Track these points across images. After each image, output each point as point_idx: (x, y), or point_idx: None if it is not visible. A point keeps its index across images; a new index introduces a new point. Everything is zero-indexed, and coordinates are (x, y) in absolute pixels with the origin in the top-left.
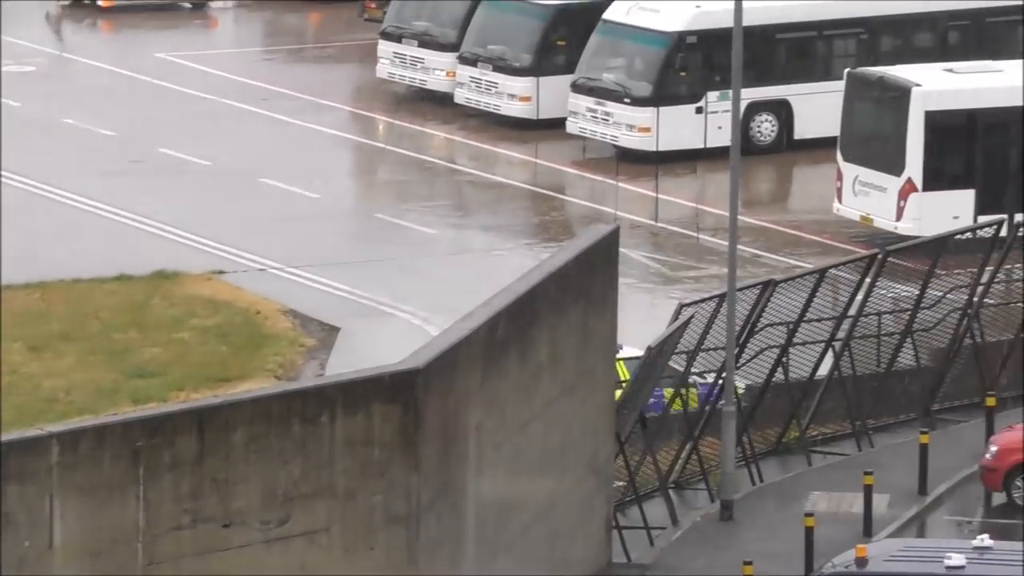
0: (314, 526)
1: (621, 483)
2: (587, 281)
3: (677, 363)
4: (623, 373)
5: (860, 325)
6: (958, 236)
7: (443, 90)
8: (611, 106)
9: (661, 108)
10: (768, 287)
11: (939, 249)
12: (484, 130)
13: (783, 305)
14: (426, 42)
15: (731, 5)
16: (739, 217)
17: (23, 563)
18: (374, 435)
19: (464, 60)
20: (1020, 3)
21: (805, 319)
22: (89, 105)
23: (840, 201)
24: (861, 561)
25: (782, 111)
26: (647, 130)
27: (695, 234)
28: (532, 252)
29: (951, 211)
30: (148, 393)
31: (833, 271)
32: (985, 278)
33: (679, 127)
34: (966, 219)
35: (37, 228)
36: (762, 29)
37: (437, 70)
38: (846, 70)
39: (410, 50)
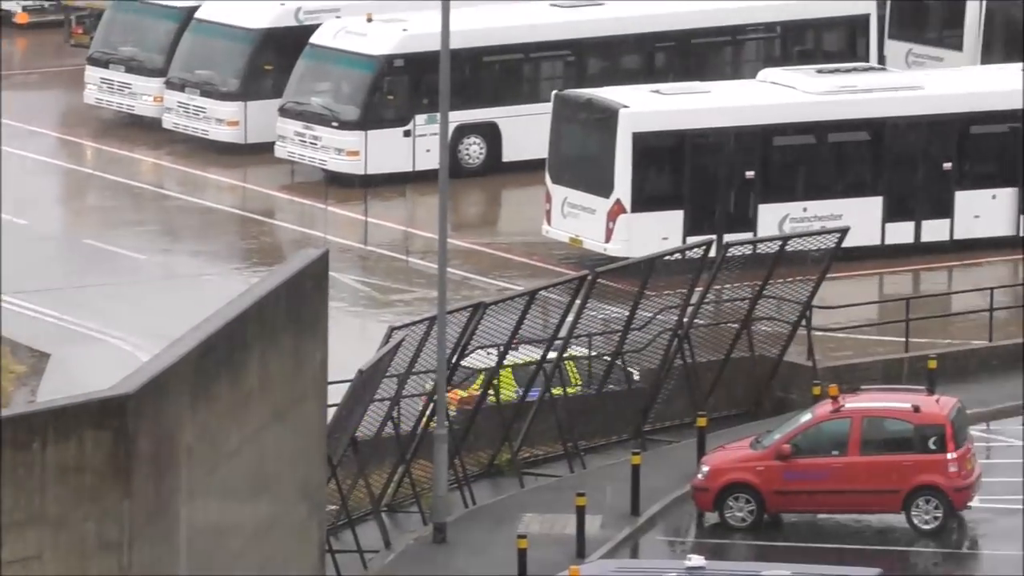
0: (26, 553)
1: (334, 507)
2: (297, 306)
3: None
4: (575, 378)
5: (571, 346)
6: (667, 257)
7: (151, 115)
8: (319, 130)
9: (369, 132)
10: (478, 309)
11: (648, 270)
12: (193, 155)
13: (494, 327)
14: (133, 67)
15: (438, 28)
16: (448, 240)
17: None
18: (86, 461)
19: (171, 85)
20: (726, 24)
21: (516, 341)
22: None
23: (549, 223)
24: None
25: (490, 133)
26: (355, 154)
27: (405, 257)
28: (242, 277)
29: (660, 232)
30: None
31: (543, 293)
32: (695, 299)
33: (387, 150)
34: (675, 240)
35: None
36: (469, 52)
37: (145, 95)
38: (553, 92)
39: (117, 76)
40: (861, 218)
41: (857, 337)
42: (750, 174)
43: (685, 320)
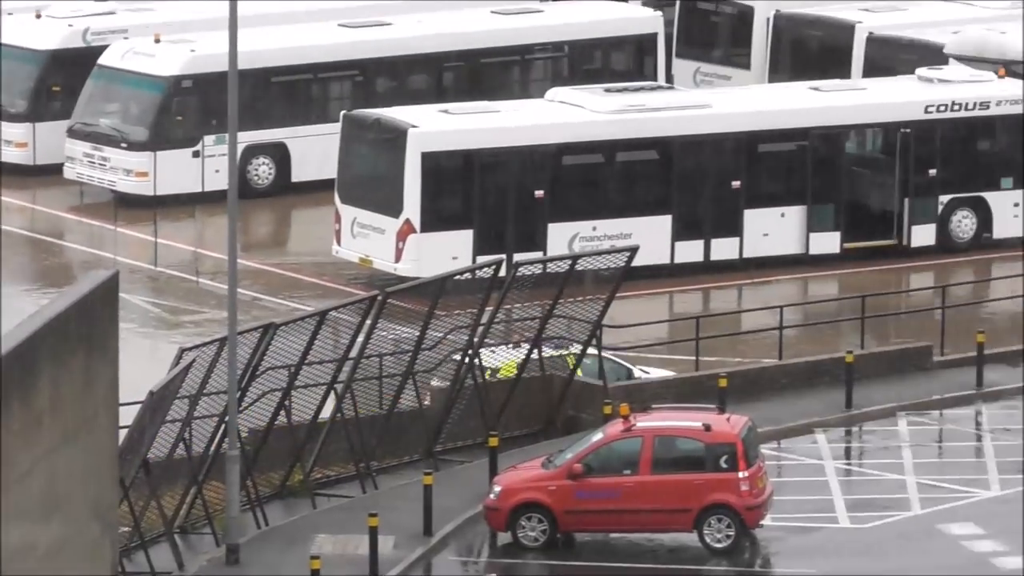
0: None
1: (126, 528)
2: (88, 327)
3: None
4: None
5: (362, 367)
6: (457, 277)
7: None
8: (108, 151)
9: (158, 153)
10: (269, 330)
11: (439, 290)
12: None
13: (284, 348)
14: None
15: (226, 49)
16: (238, 260)
17: None
18: None
19: None
20: (515, 44)
21: (307, 362)
22: None
23: (339, 243)
24: None
25: (279, 154)
26: (144, 175)
27: (195, 278)
28: (32, 298)
29: (450, 252)
30: None
31: (334, 313)
32: (485, 318)
33: (177, 171)
34: (465, 259)
35: None
36: (258, 72)
37: None
38: (342, 112)
39: None
40: (650, 237)
41: (647, 356)
42: (539, 193)
43: (476, 339)
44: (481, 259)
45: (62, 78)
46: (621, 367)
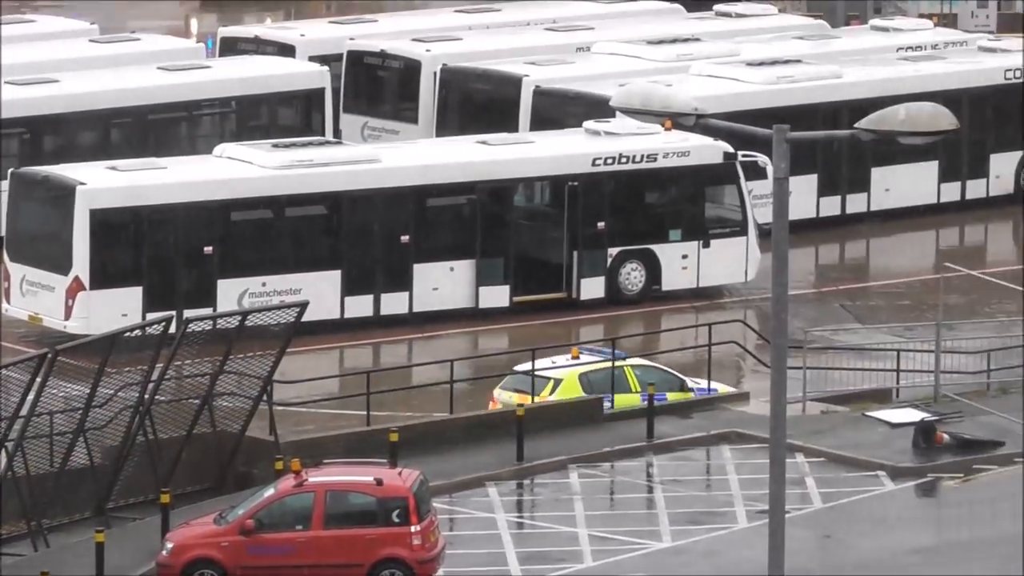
0: None
1: None
2: None
3: None
4: (634, 384)
5: (32, 425)
6: (128, 334)
7: None
8: None
9: None
10: None
11: (109, 347)
12: None
13: None
14: None
15: None
16: None
17: None
18: None
19: None
20: (182, 100)
21: None
22: None
23: (8, 301)
24: None
25: None
26: None
27: None
28: None
29: (120, 309)
30: None
31: (3, 371)
32: (156, 375)
33: None
34: (135, 316)
35: None
36: None
37: None
38: (10, 170)
39: None
40: (320, 292)
41: (318, 411)
42: (208, 249)
43: (147, 396)
44: (151, 316)
45: None
46: (675, 378)
